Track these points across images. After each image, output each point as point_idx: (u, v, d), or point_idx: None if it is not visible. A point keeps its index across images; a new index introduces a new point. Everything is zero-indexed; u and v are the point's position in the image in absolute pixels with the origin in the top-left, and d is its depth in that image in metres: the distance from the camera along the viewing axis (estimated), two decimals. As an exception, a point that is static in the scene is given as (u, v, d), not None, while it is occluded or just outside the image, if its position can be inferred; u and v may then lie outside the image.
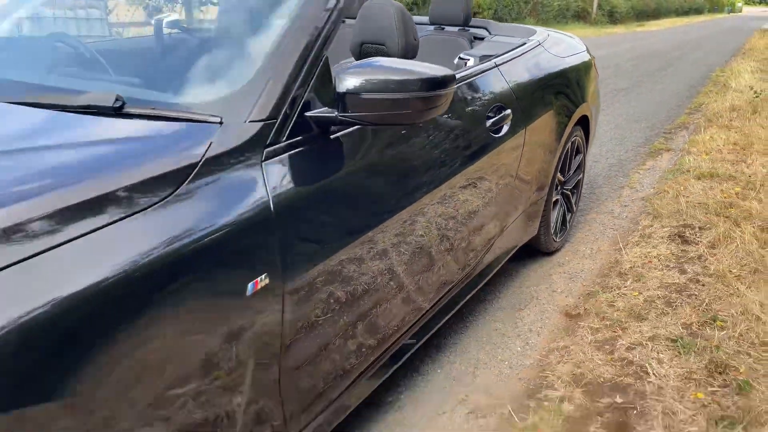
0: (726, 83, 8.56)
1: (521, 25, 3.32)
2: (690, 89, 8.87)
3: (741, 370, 1.98)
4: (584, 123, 3.07)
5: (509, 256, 2.60)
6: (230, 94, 1.35)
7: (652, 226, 3.31)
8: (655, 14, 42.01)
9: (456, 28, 3.03)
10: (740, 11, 75.95)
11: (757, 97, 6.68)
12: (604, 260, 3.01)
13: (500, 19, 21.60)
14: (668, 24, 34.88)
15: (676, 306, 2.44)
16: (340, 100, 1.34)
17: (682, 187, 3.85)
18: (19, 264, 0.88)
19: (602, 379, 2.01)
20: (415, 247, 1.70)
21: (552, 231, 2.96)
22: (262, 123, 1.29)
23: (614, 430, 1.75)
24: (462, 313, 2.44)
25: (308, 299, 1.32)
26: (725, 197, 3.61)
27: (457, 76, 1.87)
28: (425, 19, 3.14)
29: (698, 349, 2.12)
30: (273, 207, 1.22)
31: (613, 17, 32.80)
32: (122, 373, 0.96)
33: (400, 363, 1.82)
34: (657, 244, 3.05)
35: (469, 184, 1.97)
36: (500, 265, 2.47)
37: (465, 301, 2.16)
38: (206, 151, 1.18)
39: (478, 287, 2.29)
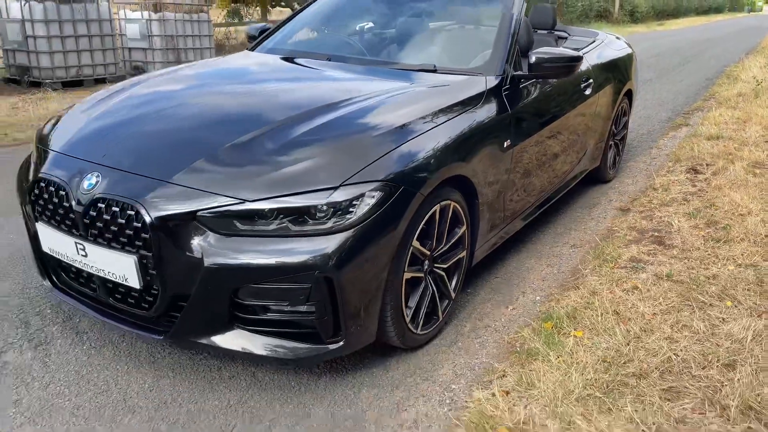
0: (737, 76, 10.02)
1: (587, 29, 4.90)
2: (706, 81, 10.33)
3: (723, 224, 3.53)
4: (629, 94, 4.66)
5: (583, 176, 4.18)
6: (483, 64, 2.95)
7: (674, 165, 4.88)
8: (675, 13, 42.91)
9: (545, 31, 4.60)
10: (761, 10, 76.02)
11: (758, 85, 8.17)
12: (641, 184, 4.59)
13: (528, 19, 23.03)
14: (687, 23, 35.77)
15: (689, 201, 4.00)
16: (530, 66, 2.91)
17: (696, 144, 5.40)
18: (438, 127, 2.44)
19: (647, 228, 3.58)
20: (551, 146, 3.30)
21: (608, 165, 4.54)
22: (500, 76, 2.88)
23: (656, 240, 3.33)
24: (557, 206, 4.02)
25: (518, 157, 2.90)
26: (725, 149, 5.15)
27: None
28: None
29: (702, 216, 3.68)
30: (509, 108, 2.82)
31: (634, 16, 33.87)
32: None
33: (535, 215, 3.41)
34: (678, 173, 4.62)
35: (575, 120, 3.56)
36: (581, 176, 4.07)
37: (565, 192, 3.76)
38: (485, 87, 2.78)
39: (569, 187, 3.88)
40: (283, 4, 12.98)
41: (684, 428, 1.90)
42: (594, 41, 4.34)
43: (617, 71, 4.39)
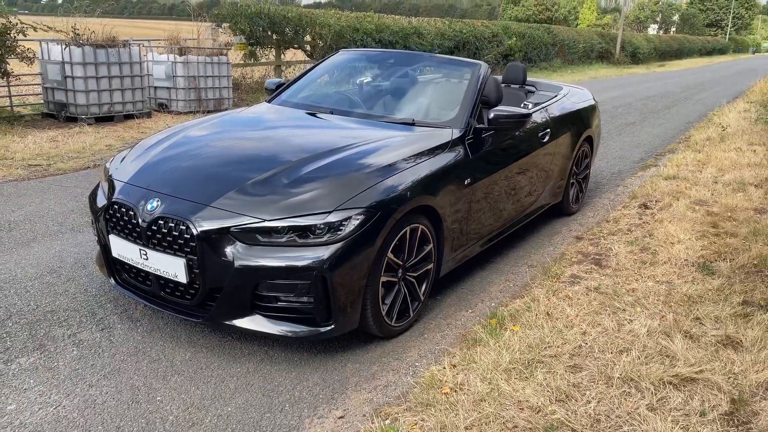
0: (713, 121, 10.83)
1: (554, 83, 5.75)
2: (686, 125, 11.15)
3: (653, 249, 4.26)
4: (589, 140, 5.46)
5: (544, 209, 4.95)
6: (451, 119, 3.75)
7: (630, 201, 5.65)
8: (678, 54, 43.90)
9: (517, 86, 5.42)
10: (767, 51, 77.34)
11: (724, 130, 8.97)
12: (599, 216, 5.35)
13: (529, 60, 24.03)
14: (689, 64, 36.74)
15: (632, 231, 4.75)
16: (488, 121, 3.71)
17: (653, 183, 6.16)
18: (412, 167, 3.22)
19: (591, 252, 4.32)
20: (507, 185, 4.07)
21: (570, 201, 5.32)
22: (463, 129, 3.68)
23: (595, 262, 4.07)
24: (521, 232, 4.77)
25: (476, 193, 3.67)
26: (677, 188, 5.91)
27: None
28: (500, 78, 5.55)
29: (638, 244, 4.42)
30: (470, 155, 3.60)
31: (635, 57, 34.83)
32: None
33: (493, 242, 4.17)
34: (630, 208, 5.38)
35: (530, 163, 4.34)
36: (541, 210, 4.83)
37: (526, 222, 4.53)
38: (451, 137, 3.57)
39: (531, 218, 4.65)
40: (295, 46, 13.98)
41: (577, 390, 2.62)
42: (556, 95, 5.16)
43: (577, 121, 5.19)
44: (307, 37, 14.17)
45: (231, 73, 11.13)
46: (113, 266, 3.18)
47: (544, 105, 4.78)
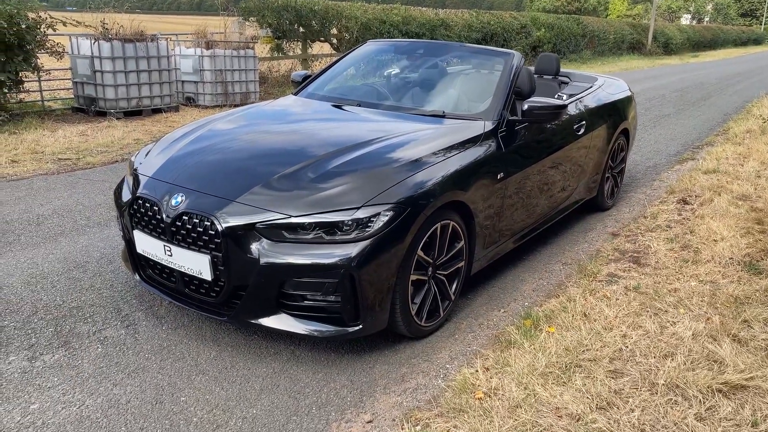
0: (751, 111, 10.45)
1: (589, 74, 5.54)
2: (724, 117, 10.77)
3: (695, 247, 4.07)
4: (625, 133, 5.25)
5: (578, 205, 4.78)
6: (484, 110, 3.61)
7: (667, 196, 5.43)
8: (712, 44, 42.68)
9: (550, 77, 5.24)
10: (804, 41, 74.80)
11: (765, 122, 8.62)
12: (635, 212, 5.15)
13: (558, 52, 23.54)
14: (723, 55, 35.71)
15: (671, 228, 4.55)
16: (522, 113, 3.56)
17: (693, 177, 5.93)
18: (442, 162, 3.09)
19: (628, 249, 4.15)
20: (541, 179, 3.92)
21: (605, 195, 5.13)
22: (496, 121, 3.54)
23: (633, 260, 3.90)
24: (554, 228, 4.61)
25: (509, 187, 3.53)
26: (718, 182, 5.67)
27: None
28: (532, 69, 5.37)
29: (678, 241, 4.23)
30: (503, 148, 3.46)
31: (668, 48, 33.97)
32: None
33: (524, 241, 4.02)
34: (669, 204, 5.17)
35: (565, 157, 4.18)
36: (575, 206, 4.66)
37: (560, 218, 4.37)
38: (483, 130, 3.44)
39: (564, 214, 4.49)
40: (322, 39, 13.90)
41: (619, 397, 2.48)
42: (591, 86, 4.97)
43: (613, 112, 5.00)
44: (334, 30, 14.08)
45: (258, 66, 11.09)
46: (138, 262, 3.12)
47: (578, 96, 4.60)
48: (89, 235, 4.26)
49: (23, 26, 7.75)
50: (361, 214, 2.65)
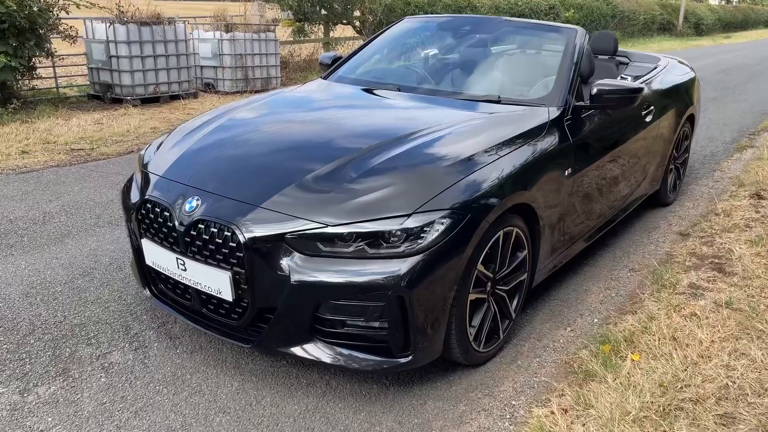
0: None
1: (649, 53, 4.96)
2: (774, 100, 10.06)
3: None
4: (691, 119, 4.68)
5: (642, 200, 4.24)
6: (546, 95, 3.10)
7: (737, 189, 4.86)
8: (743, 25, 41.21)
9: (606, 57, 4.69)
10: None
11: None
12: (702, 208, 4.60)
13: (588, 34, 22.72)
14: (755, 36, 34.40)
15: (751, 228, 4.00)
16: (591, 98, 3.03)
17: (761, 168, 5.34)
18: (505, 156, 2.60)
19: (707, 254, 3.62)
20: (610, 173, 3.40)
21: (668, 189, 4.58)
22: (561, 107, 3.02)
23: (716, 267, 3.38)
24: (616, 229, 4.09)
25: (578, 184, 3.03)
26: (792, 174, 5.09)
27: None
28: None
29: (764, 244, 3.69)
30: (570, 139, 2.95)
31: (699, 29, 32.82)
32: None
33: (595, 239, 3.51)
34: (740, 198, 4.60)
35: (634, 147, 3.65)
36: (640, 201, 4.13)
37: (620, 219, 3.85)
38: (548, 118, 2.92)
39: (629, 211, 3.96)
40: (344, 21, 13.35)
41: (738, 453, 1.99)
42: (656, 67, 4.41)
43: (679, 97, 4.44)
44: (357, 12, 13.52)
45: (279, 50, 10.62)
46: (148, 275, 2.69)
47: (646, 79, 4.05)
48: (98, 236, 3.85)
49: (35, 9, 7.35)
50: (412, 222, 2.18)
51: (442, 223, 2.21)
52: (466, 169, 2.42)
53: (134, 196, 2.69)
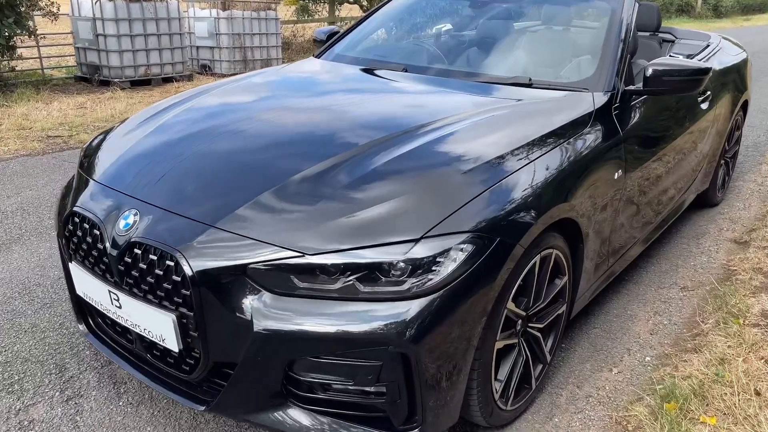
0: None
1: (696, 30, 4.30)
2: (812, 84, 9.33)
3: None
4: (745, 106, 4.04)
5: (691, 201, 3.63)
6: (589, 77, 2.47)
7: (795, 188, 4.22)
8: (762, 8, 40.12)
9: (647, 33, 4.04)
10: None
11: None
12: (756, 209, 3.98)
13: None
14: (777, 18, 33.40)
15: (822, 236, 3.38)
16: (645, 80, 2.40)
17: (817, 163, 4.70)
18: (541, 158, 1.99)
19: (774, 273, 3.01)
20: (665, 172, 2.78)
21: (717, 187, 3.95)
22: (608, 92, 2.40)
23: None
24: (664, 236, 3.48)
25: (629, 188, 2.42)
26: None
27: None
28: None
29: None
30: (620, 132, 2.34)
31: (717, 11, 31.83)
32: None
33: (651, 241, 2.91)
34: (802, 199, 3.97)
35: (691, 139, 3.03)
36: (688, 203, 3.52)
37: (672, 221, 3.23)
38: (593, 106, 2.31)
39: (678, 213, 3.35)
40: (351, 0, 12.68)
41: None
42: (708, 45, 3.76)
43: (734, 80, 3.79)
44: (364, -10, 12.85)
45: (280, 30, 9.98)
46: (83, 306, 2.11)
47: (701, 58, 3.41)
48: (53, 242, 3.28)
49: (12, -17, 6.76)
50: (420, 250, 1.58)
51: (462, 251, 1.62)
52: (493, 176, 1.82)
53: (67, 205, 2.11)
